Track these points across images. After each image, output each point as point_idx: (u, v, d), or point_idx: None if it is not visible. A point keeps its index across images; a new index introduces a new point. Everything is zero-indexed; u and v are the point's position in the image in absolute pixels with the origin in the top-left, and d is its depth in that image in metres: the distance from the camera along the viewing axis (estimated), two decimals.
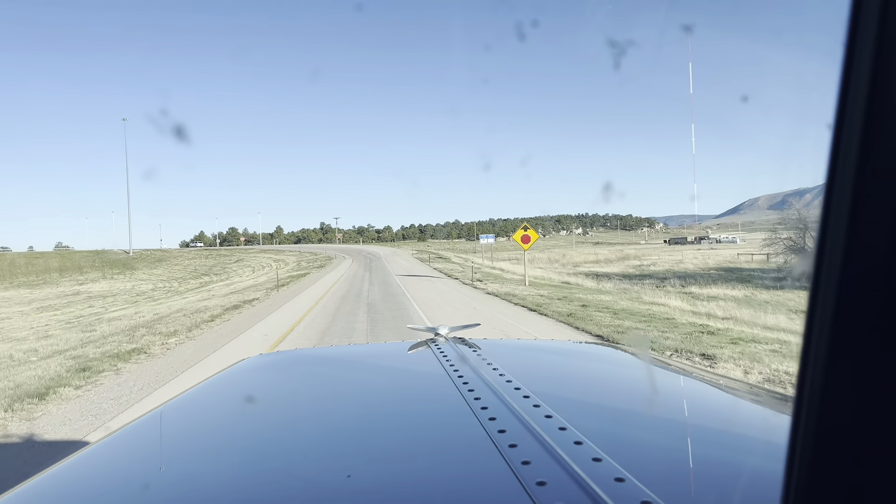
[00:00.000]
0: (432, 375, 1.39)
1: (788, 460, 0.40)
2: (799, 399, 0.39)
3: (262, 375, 1.68)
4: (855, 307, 0.37)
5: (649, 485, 0.70)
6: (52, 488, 0.99)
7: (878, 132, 0.35)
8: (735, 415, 1.22)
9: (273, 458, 0.98)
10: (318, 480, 0.86)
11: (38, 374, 8.11)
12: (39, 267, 78.66)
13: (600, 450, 0.81)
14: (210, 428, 1.23)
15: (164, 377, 7.80)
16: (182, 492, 0.88)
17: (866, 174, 0.36)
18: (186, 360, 9.01)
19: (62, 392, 7.09)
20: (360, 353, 2.06)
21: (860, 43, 0.36)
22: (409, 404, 1.29)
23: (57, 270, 75.79)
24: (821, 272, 0.38)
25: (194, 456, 1.06)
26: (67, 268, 78.34)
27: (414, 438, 1.03)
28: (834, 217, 0.37)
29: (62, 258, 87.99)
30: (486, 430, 0.93)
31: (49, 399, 6.80)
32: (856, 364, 0.37)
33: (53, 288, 55.06)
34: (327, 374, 1.68)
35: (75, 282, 63.28)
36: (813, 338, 0.39)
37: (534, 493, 0.70)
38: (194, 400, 1.41)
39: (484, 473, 0.82)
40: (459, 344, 1.72)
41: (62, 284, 59.89)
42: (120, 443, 1.17)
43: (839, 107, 0.37)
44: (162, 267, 77.99)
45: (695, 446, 0.95)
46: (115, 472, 1.03)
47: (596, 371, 1.70)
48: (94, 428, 5.63)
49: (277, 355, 1.95)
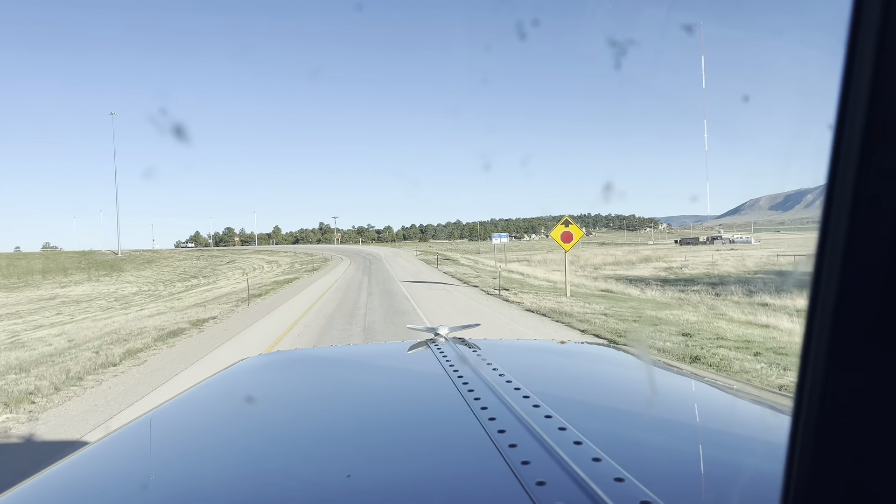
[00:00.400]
0: (432, 375, 1.39)
1: (788, 460, 0.40)
2: (799, 399, 0.39)
3: (261, 375, 1.68)
4: (855, 308, 0.37)
5: (649, 485, 0.71)
6: (50, 489, 0.97)
7: (879, 133, 0.35)
8: (734, 415, 1.22)
9: (272, 459, 0.97)
10: (318, 481, 0.86)
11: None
12: (22, 268, 75.23)
13: (600, 450, 0.81)
14: (209, 428, 1.22)
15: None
16: (181, 492, 0.87)
17: (867, 175, 0.36)
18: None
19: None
20: (360, 353, 2.05)
21: (861, 43, 0.36)
22: (408, 404, 1.28)
23: (40, 272, 72.64)
24: (821, 272, 0.38)
25: (193, 456, 1.04)
26: (51, 269, 74.84)
27: (413, 438, 1.03)
28: (835, 217, 0.37)
29: (46, 259, 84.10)
30: (485, 430, 0.93)
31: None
32: (855, 365, 0.37)
33: (33, 291, 52.62)
34: (326, 374, 1.68)
35: (57, 284, 60.82)
36: (813, 338, 0.39)
37: (533, 493, 0.70)
38: (193, 400, 1.39)
39: (484, 473, 0.82)
40: (459, 344, 1.72)
41: (43, 287, 57.55)
42: (118, 443, 1.16)
43: (840, 107, 0.37)
44: (151, 268, 74.01)
45: (694, 446, 0.96)
46: (114, 473, 1.02)
47: (595, 371, 1.70)
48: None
49: (277, 355, 1.92)
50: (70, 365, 8.66)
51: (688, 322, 11.42)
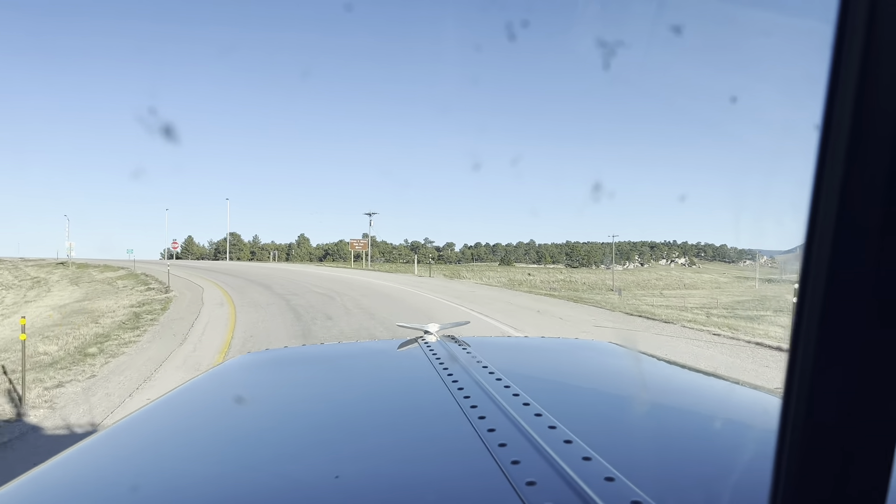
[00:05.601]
0: (422, 374, 1.38)
1: (777, 458, 0.41)
2: (787, 398, 0.41)
3: (249, 373, 1.66)
4: (841, 309, 0.38)
5: (639, 484, 0.71)
6: (38, 487, 0.96)
7: (865, 134, 0.36)
8: (726, 413, 1.21)
9: (260, 457, 0.96)
10: (306, 479, 0.85)
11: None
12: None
13: (590, 449, 0.81)
14: (197, 426, 1.22)
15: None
16: (169, 490, 0.86)
17: (853, 178, 0.36)
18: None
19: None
20: (350, 352, 2.03)
21: (848, 44, 0.37)
22: (397, 403, 1.28)
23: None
24: (808, 275, 0.39)
25: (182, 455, 1.04)
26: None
27: (402, 437, 1.02)
28: (821, 220, 0.38)
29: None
30: (475, 429, 0.92)
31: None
32: (841, 366, 0.38)
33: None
34: (315, 372, 1.65)
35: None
36: (801, 339, 0.40)
37: (523, 492, 0.70)
38: (182, 398, 1.39)
39: (473, 473, 0.82)
40: (450, 342, 1.69)
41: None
42: (106, 441, 1.15)
43: (827, 108, 0.38)
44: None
45: (686, 445, 0.96)
46: (102, 471, 1.01)
47: (587, 369, 1.67)
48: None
49: (266, 353, 1.90)
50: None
51: None
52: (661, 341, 10.86)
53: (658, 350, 7.96)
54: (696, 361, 8.95)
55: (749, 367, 8.74)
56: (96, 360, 9.51)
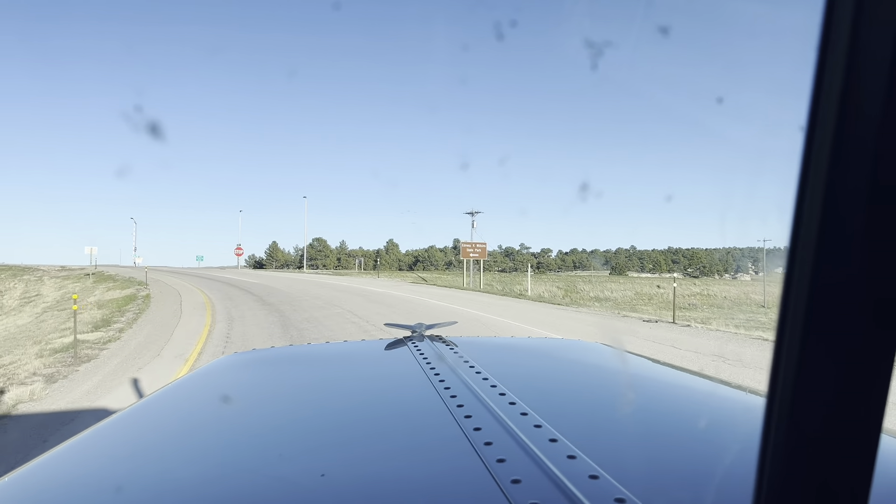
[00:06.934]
0: (409, 374, 1.38)
1: (760, 459, 0.42)
2: (771, 401, 0.41)
3: (235, 374, 1.65)
4: (826, 309, 0.38)
5: (623, 482, 0.71)
6: (19, 490, 0.93)
7: (849, 135, 0.36)
8: (711, 412, 1.20)
9: (246, 458, 0.95)
10: (292, 479, 0.85)
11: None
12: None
13: (575, 447, 0.82)
14: (182, 426, 1.20)
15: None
16: (154, 492, 0.85)
17: (838, 179, 0.37)
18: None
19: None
20: (337, 352, 2.01)
21: (833, 48, 0.37)
22: (384, 402, 1.27)
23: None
24: (792, 276, 0.39)
25: (166, 455, 1.02)
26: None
27: (388, 436, 1.01)
28: (806, 221, 0.38)
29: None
30: (461, 429, 0.93)
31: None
32: (825, 367, 0.38)
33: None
34: (302, 372, 1.64)
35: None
36: (784, 340, 0.40)
37: (508, 491, 0.71)
38: (167, 398, 1.38)
39: (459, 471, 0.82)
40: (437, 342, 1.72)
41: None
42: (90, 442, 1.13)
43: (812, 109, 0.38)
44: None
45: (670, 443, 0.96)
46: (85, 472, 0.99)
47: (574, 368, 1.68)
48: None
49: (251, 354, 1.89)
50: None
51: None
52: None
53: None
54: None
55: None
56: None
